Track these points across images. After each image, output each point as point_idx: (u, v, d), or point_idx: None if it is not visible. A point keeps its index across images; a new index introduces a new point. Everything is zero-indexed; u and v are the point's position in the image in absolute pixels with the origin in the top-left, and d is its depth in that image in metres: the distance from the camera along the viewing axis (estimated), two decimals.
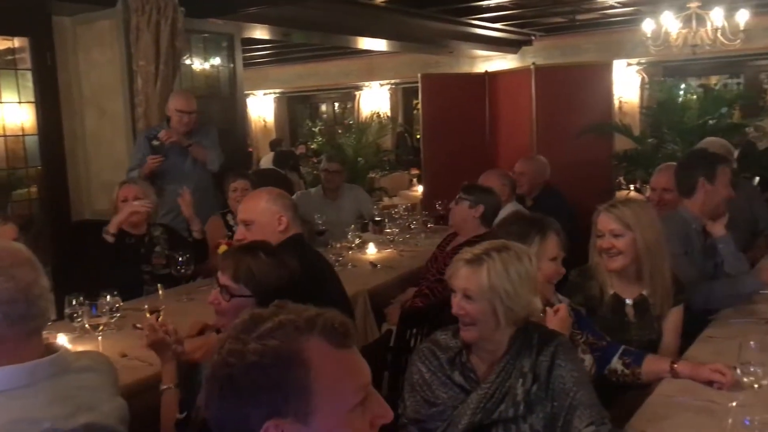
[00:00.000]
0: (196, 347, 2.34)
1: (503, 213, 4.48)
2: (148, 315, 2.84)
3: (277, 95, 13.48)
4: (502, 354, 1.94)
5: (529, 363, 1.92)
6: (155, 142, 4.64)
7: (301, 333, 1.06)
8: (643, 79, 8.62)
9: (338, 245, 4.41)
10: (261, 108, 13.54)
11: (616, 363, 2.47)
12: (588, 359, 2.38)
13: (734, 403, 1.66)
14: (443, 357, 1.97)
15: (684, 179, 3.35)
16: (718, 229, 3.22)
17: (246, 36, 6.62)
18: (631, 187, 6.49)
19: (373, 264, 4.28)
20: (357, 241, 4.52)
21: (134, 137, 4.93)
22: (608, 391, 2.50)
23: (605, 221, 2.70)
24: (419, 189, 7.75)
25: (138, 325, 2.85)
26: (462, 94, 6.82)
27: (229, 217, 4.37)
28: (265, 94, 13.36)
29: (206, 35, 5.73)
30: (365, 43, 8.27)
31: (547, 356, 1.93)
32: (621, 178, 6.65)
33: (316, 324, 1.07)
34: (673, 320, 2.75)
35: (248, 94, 12.73)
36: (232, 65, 5.80)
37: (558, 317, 2.22)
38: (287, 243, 2.70)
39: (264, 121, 13.54)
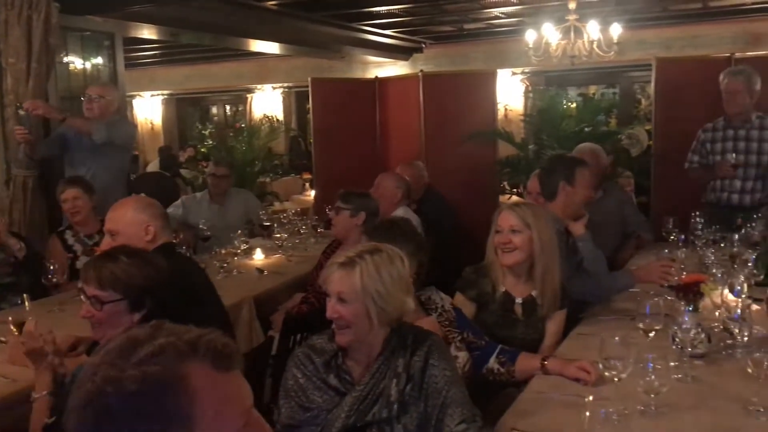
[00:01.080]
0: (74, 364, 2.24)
1: (399, 213, 4.55)
2: (12, 328, 2.67)
3: (165, 97, 13.07)
4: (377, 355, 1.96)
5: (403, 363, 1.95)
6: (21, 111, 4.40)
7: (184, 358, 0.98)
8: (527, 87, 8.96)
9: (223, 251, 4.32)
10: (148, 110, 13.09)
11: (493, 362, 2.55)
12: (462, 356, 2.45)
13: (590, 398, 1.74)
14: (319, 361, 1.97)
15: (546, 183, 3.51)
16: (578, 228, 3.38)
17: (131, 35, 6.38)
18: (514, 191, 6.76)
19: (260, 270, 4.22)
20: (244, 246, 4.44)
21: (4, 140, 4.65)
22: (486, 389, 2.59)
23: (506, 218, 2.82)
24: (312, 193, 7.72)
25: (2, 339, 2.69)
26: (352, 99, 6.86)
27: (68, 235, 4.03)
28: (152, 95, 12.91)
29: (86, 33, 5.48)
30: (257, 45, 8.16)
31: (420, 356, 1.97)
32: (505, 183, 6.89)
33: (199, 347, 1.00)
34: (556, 323, 2.89)
35: (134, 96, 12.28)
36: (112, 65, 5.57)
37: (428, 325, 2.27)
38: (155, 253, 2.61)
39: (151, 123, 13.09)
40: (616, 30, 6.48)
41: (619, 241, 4.51)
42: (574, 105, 7.31)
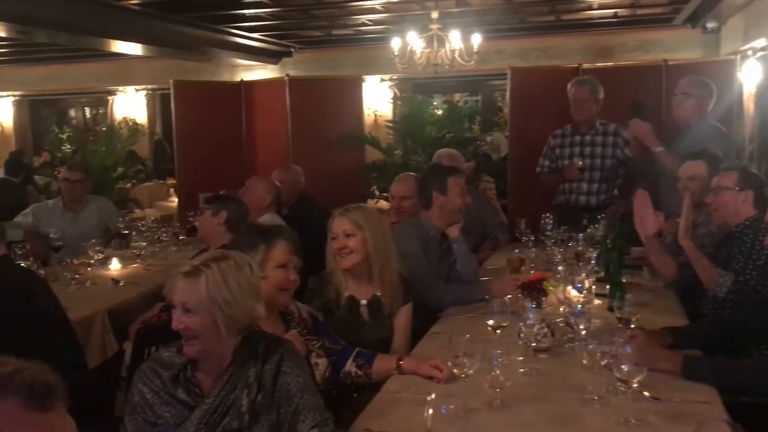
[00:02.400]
0: None
1: (264, 220, 4.49)
2: None
3: (17, 98, 12.19)
4: (227, 366, 1.92)
5: (255, 372, 1.93)
6: None
7: None
8: (395, 94, 9.13)
9: (76, 262, 4.09)
10: None
11: (350, 365, 2.57)
12: (322, 363, 2.46)
13: (433, 395, 1.80)
14: (166, 375, 1.91)
15: (422, 193, 3.65)
16: (453, 231, 3.55)
17: None
18: (384, 195, 6.86)
19: (116, 280, 4.04)
20: (98, 256, 4.22)
21: None
22: (346, 392, 2.61)
23: (339, 224, 2.87)
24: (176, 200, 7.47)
25: None
26: (217, 103, 6.72)
27: None
28: (0, 96, 12.02)
29: None
30: (118, 46, 7.79)
31: (273, 364, 1.95)
32: (375, 188, 6.99)
33: (11, 384, 0.94)
34: (402, 318, 2.96)
35: None
36: None
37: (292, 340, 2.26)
38: None
39: (1, 126, 12.18)
40: (476, 40, 6.73)
41: (477, 243, 4.69)
42: (440, 111, 7.55)
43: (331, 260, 2.92)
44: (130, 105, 11.27)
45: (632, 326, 2.59)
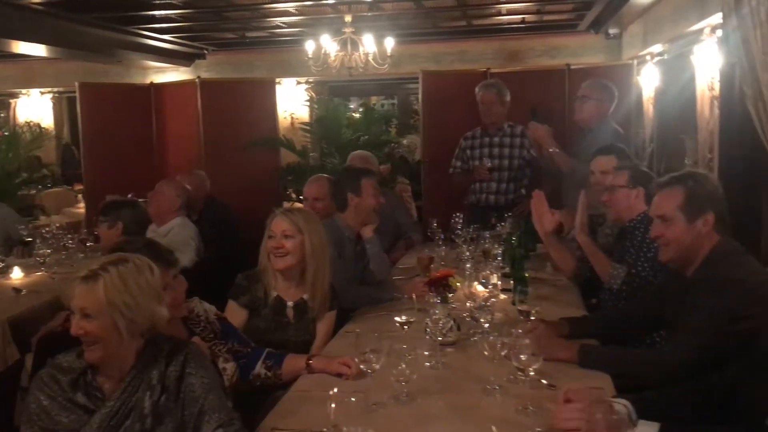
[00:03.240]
0: None
1: (169, 226, 4.42)
2: None
3: None
4: (129, 368, 1.90)
5: (158, 374, 1.91)
6: None
7: None
8: (311, 97, 9.13)
9: None
10: None
11: (260, 367, 2.58)
12: (230, 367, 2.45)
13: (335, 390, 1.83)
14: (64, 380, 1.87)
15: (337, 195, 3.70)
16: (367, 231, 3.63)
17: None
18: (301, 198, 6.86)
19: (17, 290, 3.89)
20: None
21: None
22: (257, 394, 2.61)
23: (279, 223, 2.89)
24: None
25: None
26: (126, 106, 6.56)
27: None
28: None
29: None
30: (20, 47, 7.46)
31: (177, 366, 1.94)
32: (291, 191, 6.97)
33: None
34: (326, 323, 2.99)
35: None
36: None
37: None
38: None
39: None
40: (389, 44, 6.82)
41: (391, 243, 4.76)
42: (356, 115, 7.61)
43: (265, 259, 2.93)
44: (34, 108, 10.81)
45: (532, 318, 2.70)
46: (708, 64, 4.85)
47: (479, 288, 3.08)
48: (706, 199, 2.43)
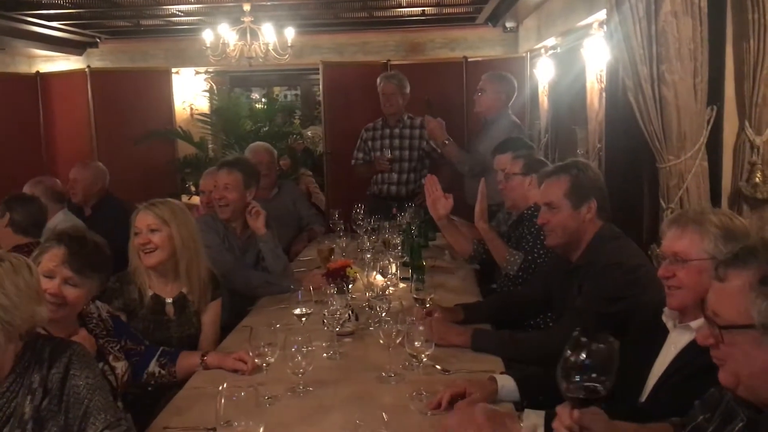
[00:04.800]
0: None
1: (53, 223, 4.20)
2: None
3: None
4: (7, 373, 1.80)
5: (39, 378, 1.82)
6: None
7: None
8: (211, 87, 8.91)
9: None
10: None
11: (153, 366, 2.51)
12: (120, 366, 2.37)
13: (224, 385, 1.80)
14: None
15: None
16: (259, 228, 3.50)
17: None
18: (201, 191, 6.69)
19: None
20: None
21: None
22: (151, 394, 2.53)
23: (143, 218, 2.77)
24: None
25: None
26: (10, 96, 6.18)
27: None
28: None
29: None
30: None
31: (60, 368, 1.85)
32: (191, 183, 6.80)
33: None
34: (211, 314, 2.92)
35: None
36: None
37: (81, 340, 2.15)
38: None
39: None
40: (290, 34, 6.76)
41: (294, 234, 4.73)
42: (259, 106, 7.48)
43: (135, 257, 2.80)
44: None
45: (428, 305, 2.75)
46: (596, 57, 5.06)
47: (378, 278, 3.10)
48: (589, 186, 2.54)
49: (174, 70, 7.12)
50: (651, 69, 2.95)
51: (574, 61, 5.84)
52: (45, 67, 8.44)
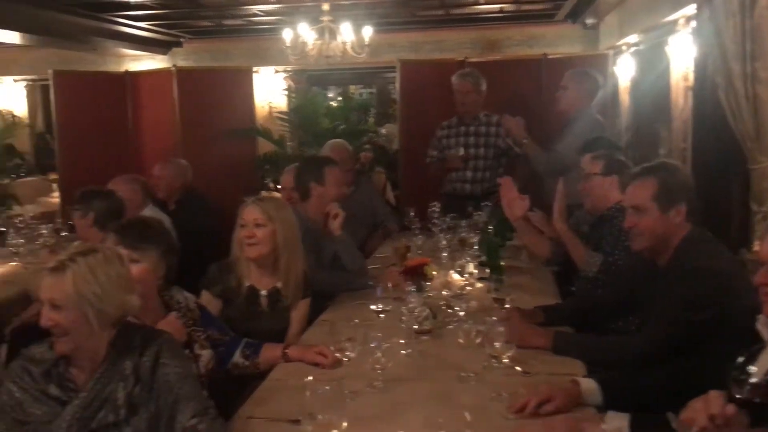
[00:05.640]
0: None
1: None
2: None
3: None
4: (102, 359, 1.89)
5: (132, 365, 1.90)
6: None
7: None
8: (289, 86, 9.07)
9: None
10: None
11: (238, 356, 2.59)
12: (206, 354, 2.45)
13: (310, 378, 1.84)
14: (37, 371, 1.86)
15: (299, 185, 3.65)
16: (335, 228, 3.52)
17: None
18: (278, 187, 6.84)
19: None
20: None
21: None
22: (234, 383, 2.61)
23: (250, 212, 2.87)
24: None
25: None
26: (101, 94, 6.46)
27: None
28: None
29: None
30: None
31: (150, 356, 1.93)
32: (270, 180, 6.95)
33: None
34: (301, 311, 2.99)
35: None
36: None
37: (168, 325, 2.24)
38: None
39: None
40: (367, 32, 6.81)
41: (369, 231, 4.76)
42: (335, 104, 7.57)
43: (237, 248, 2.91)
44: (7, 97, 10.64)
45: (507, 306, 2.72)
46: (682, 54, 4.90)
47: (455, 277, 3.10)
48: (678, 189, 2.46)
49: (254, 69, 7.28)
50: (744, 66, 2.85)
51: (657, 58, 5.68)
52: (132, 67, 8.80)
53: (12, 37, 7.55)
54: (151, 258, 2.35)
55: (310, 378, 1.85)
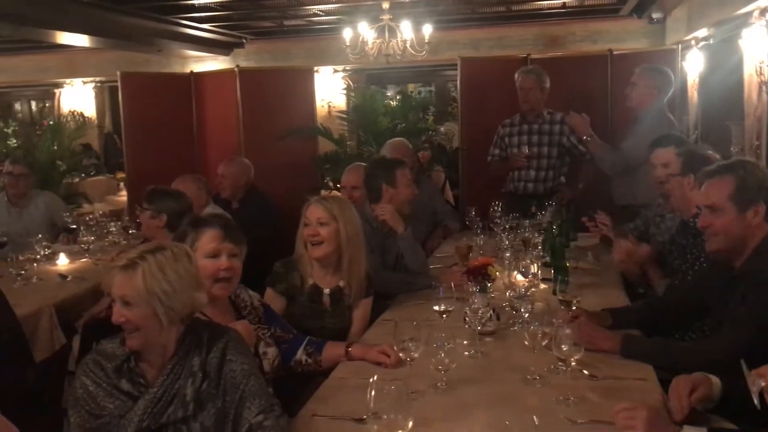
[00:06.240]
0: None
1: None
2: None
3: None
4: (171, 355, 1.92)
5: (199, 361, 1.93)
6: None
7: None
8: (348, 85, 9.11)
9: (21, 258, 4.00)
10: None
11: (301, 354, 2.60)
12: (271, 352, 2.47)
13: (375, 377, 1.83)
14: (109, 366, 1.90)
15: (370, 187, 3.65)
16: (399, 226, 3.52)
17: None
18: (338, 186, 6.87)
19: (63, 276, 3.98)
20: (45, 251, 4.15)
21: None
22: (297, 381, 2.62)
23: (314, 211, 2.90)
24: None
25: None
26: (167, 95, 6.63)
27: None
28: None
29: None
30: (63, 37, 7.61)
31: (217, 352, 1.96)
32: (329, 179, 6.99)
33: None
34: (362, 310, 3.00)
35: None
36: None
37: (243, 329, 2.27)
38: None
39: None
40: (427, 30, 6.76)
41: (429, 231, 4.74)
42: (394, 102, 7.56)
43: (301, 246, 2.95)
44: (77, 98, 11.03)
45: (573, 308, 2.66)
46: (756, 48, 4.70)
47: (519, 277, 3.04)
48: (757, 188, 2.34)
49: (314, 68, 7.34)
50: None
51: (728, 52, 5.48)
52: (196, 68, 8.98)
53: (81, 40, 7.81)
54: (244, 255, 2.43)
55: (375, 377, 1.83)
